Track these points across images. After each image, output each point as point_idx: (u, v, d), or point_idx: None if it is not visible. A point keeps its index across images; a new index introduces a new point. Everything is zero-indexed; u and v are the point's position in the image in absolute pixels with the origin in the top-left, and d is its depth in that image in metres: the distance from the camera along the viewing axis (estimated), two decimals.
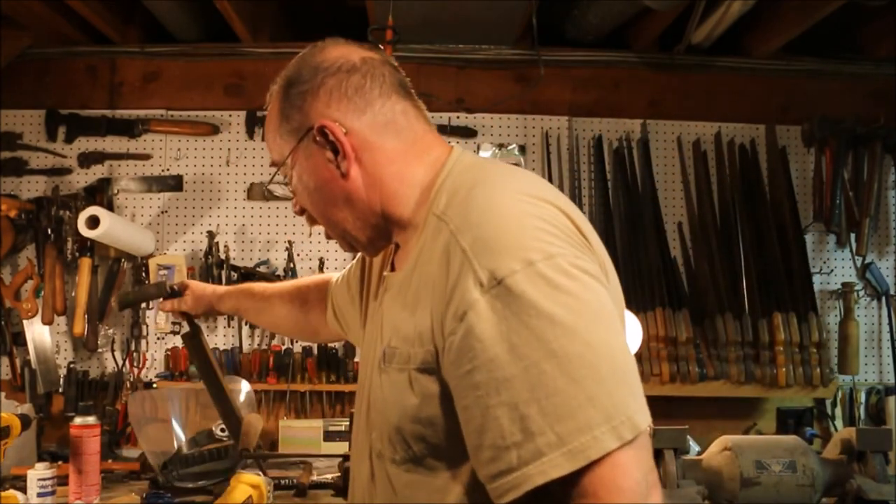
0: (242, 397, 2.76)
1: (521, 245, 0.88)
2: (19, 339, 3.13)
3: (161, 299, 1.78)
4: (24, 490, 2.12)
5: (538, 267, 0.87)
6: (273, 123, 1.13)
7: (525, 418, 0.83)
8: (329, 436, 3.01)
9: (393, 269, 1.17)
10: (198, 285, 1.80)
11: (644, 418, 0.85)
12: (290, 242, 3.19)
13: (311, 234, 3.23)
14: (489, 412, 0.85)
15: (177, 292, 1.77)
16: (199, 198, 3.25)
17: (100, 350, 3.14)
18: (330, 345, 3.16)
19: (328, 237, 1.20)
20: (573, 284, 0.87)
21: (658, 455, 1.92)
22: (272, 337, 3.17)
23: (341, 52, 1.10)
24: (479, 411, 0.87)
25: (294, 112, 1.09)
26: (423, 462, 0.98)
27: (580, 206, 3.17)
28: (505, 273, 0.86)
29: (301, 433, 3.03)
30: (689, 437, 2.03)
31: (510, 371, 0.84)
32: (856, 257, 3.24)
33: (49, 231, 3.08)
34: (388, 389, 1.01)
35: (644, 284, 3.04)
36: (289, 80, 1.11)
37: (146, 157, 3.25)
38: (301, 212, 1.19)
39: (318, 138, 1.07)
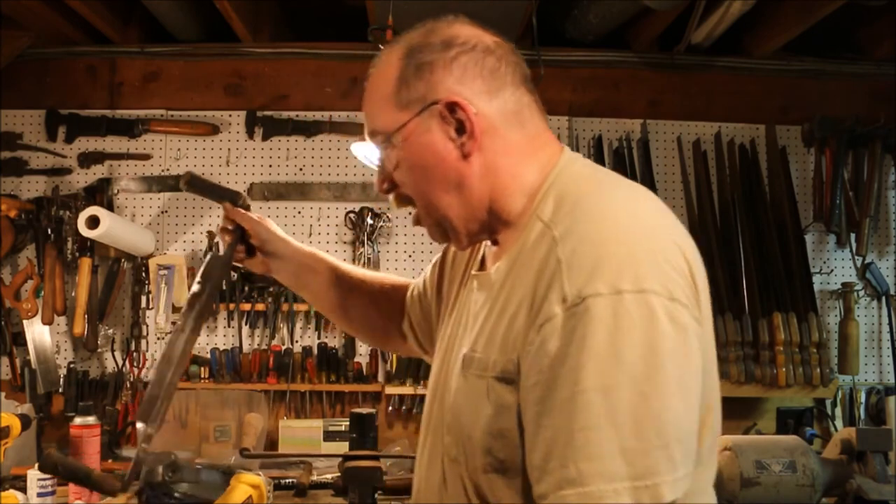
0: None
1: (617, 269, 0.84)
2: (19, 339, 3.13)
3: (227, 203, 1.45)
4: (24, 490, 2.12)
5: (625, 298, 0.82)
6: (385, 89, 1.04)
7: (558, 446, 0.82)
8: (329, 436, 3.01)
9: (482, 267, 1.12)
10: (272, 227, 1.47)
11: (672, 492, 0.81)
12: None
13: (310, 235, 3.23)
14: (538, 432, 0.85)
15: (247, 206, 1.47)
16: (199, 198, 3.24)
17: (100, 350, 3.14)
18: (330, 345, 3.16)
19: (416, 222, 1.10)
20: (653, 328, 0.82)
21: None
22: (272, 337, 3.17)
23: (474, 31, 1.05)
24: (532, 427, 0.86)
25: (418, 81, 1.01)
26: (498, 470, 0.94)
27: None
28: (589, 293, 0.83)
29: (301, 433, 3.03)
30: None
31: (561, 394, 0.83)
32: (856, 257, 3.23)
33: (49, 231, 3.08)
34: (466, 396, 0.98)
35: None
36: (413, 47, 1.03)
37: (146, 157, 3.25)
38: (389, 189, 1.09)
39: (444, 113, 1.00)
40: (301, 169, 3.26)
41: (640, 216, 0.91)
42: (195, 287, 1.32)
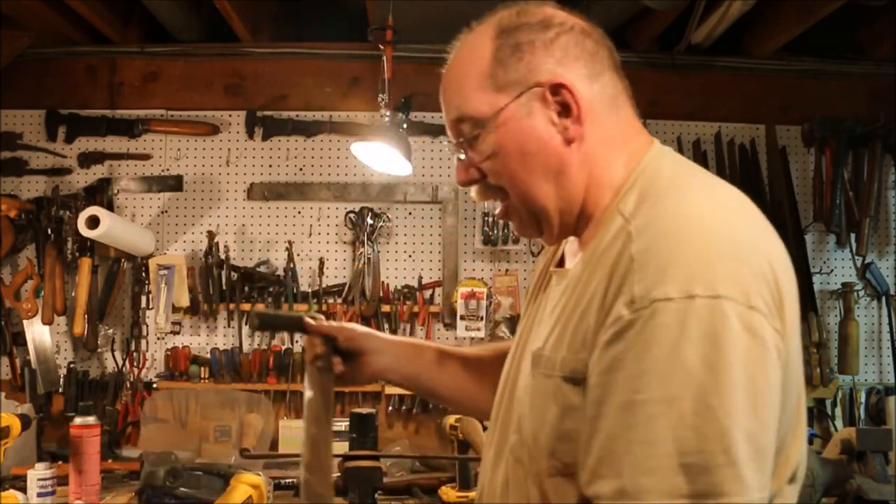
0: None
1: (691, 270, 0.78)
2: (19, 339, 3.13)
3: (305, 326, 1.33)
4: (24, 490, 2.13)
5: (696, 304, 0.76)
6: (476, 71, 0.97)
7: (614, 454, 0.78)
8: None
9: (561, 264, 1.08)
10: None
11: None
12: (290, 242, 3.19)
13: (310, 235, 3.23)
14: (594, 434, 0.81)
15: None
16: (199, 198, 3.25)
17: (100, 350, 3.14)
18: None
19: (504, 216, 1.04)
20: (726, 337, 0.76)
21: None
22: (272, 337, 3.17)
23: (566, 14, 0.99)
24: (588, 428, 0.82)
25: (517, 62, 0.95)
26: (563, 474, 0.89)
27: None
28: (658, 297, 0.78)
29: (301, 433, 3.02)
30: None
31: (618, 399, 0.79)
32: (856, 257, 3.23)
33: (49, 231, 3.08)
34: (532, 396, 0.94)
35: None
36: (507, 27, 0.97)
37: (146, 157, 3.25)
38: (473, 180, 1.02)
39: (547, 96, 0.94)
40: (301, 169, 3.26)
41: (725, 217, 0.85)
42: (308, 393, 1.31)
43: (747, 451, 0.75)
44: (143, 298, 3.16)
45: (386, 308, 3.18)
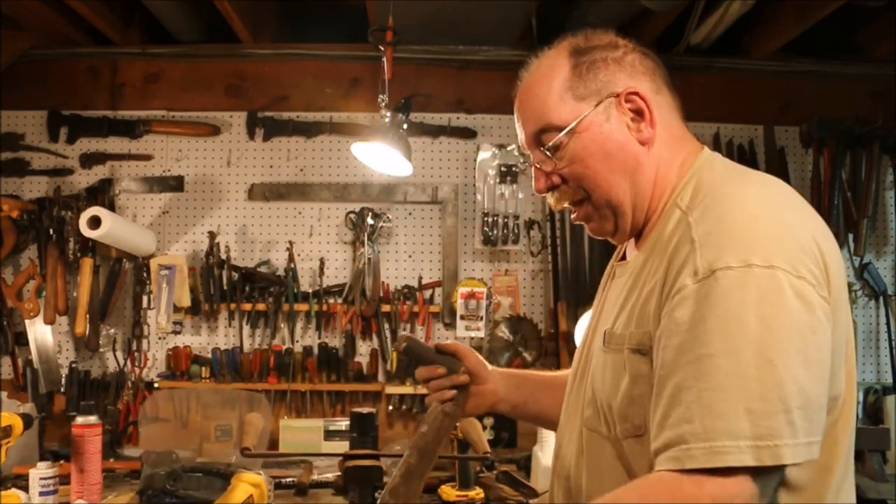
0: None
1: (748, 245, 0.90)
2: (21, 338, 3.14)
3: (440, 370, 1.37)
4: (26, 489, 2.13)
5: (754, 271, 0.88)
6: (557, 85, 1.11)
7: (682, 404, 0.88)
8: (329, 435, 3.02)
9: (624, 258, 1.20)
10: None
11: (792, 455, 0.86)
12: (290, 243, 3.20)
13: (311, 235, 3.24)
14: (662, 391, 0.92)
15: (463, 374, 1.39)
16: (200, 198, 3.26)
17: (101, 350, 3.16)
18: (330, 344, 3.17)
19: (584, 219, 1.15)
20: (780, 300, 0.88)
21: None
22: (272, 336, 3.18)
23: (624, 39, 1.15)
24: (657, 388, 0.93)
25: (594, 76, 1.10)
26: (635, 435, 1.01)
27: None
28: (720, 266, 0.90)
29: (301, 433, 3.04)
30: None
31: (688, 357, 0.89)
32: (854, 257, 3.24)
33: (51, 231, 3.10)
34: (605, 368, 1.06)
35: None
36: (579, 47, 1.13)
37: (147, 157, 3.26)
38: (552, 187, 1.14)
39: (622, 104, 1.09)
40: (302, 169, 3.27)
41: (772, 202, 0.97)
42: (423, 428, 1.35)
43: (799, 400, 0.86)
44: (145, 298, 3.17)
45: (386, 308, 3.19)
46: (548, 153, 1.12)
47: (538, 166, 1.14)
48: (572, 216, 1.17)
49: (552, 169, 1.13)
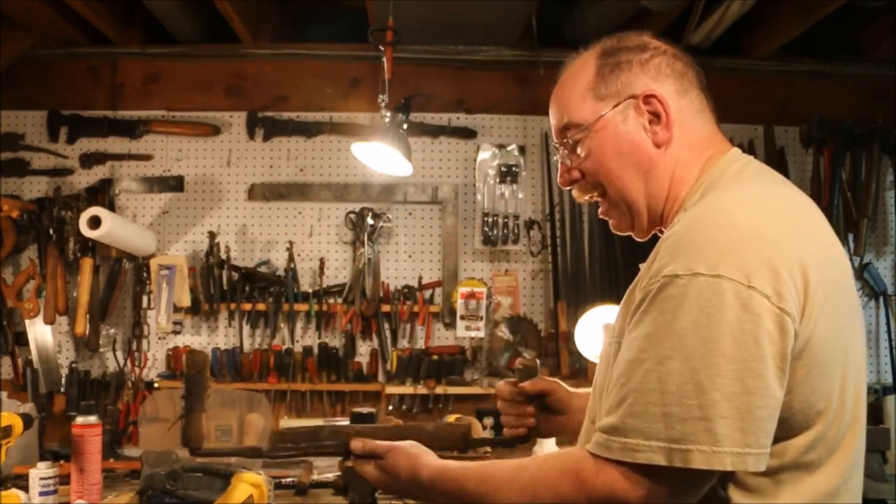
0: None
1: (698, 253, 0.92)
2: (21, 338, 3.14)
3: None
4: (26, 489, 2.13)
5: (698, 280, 0.90)
6: (583, 84, 1.15)
7: (616, 398, 0.94)
8: None
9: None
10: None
11: (705, 461, 0.87)
12: (290, 242, 3.20)
13: (311, 235, 3.24)
14: (611, 383, 0.98)
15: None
16: (200, 198, 3.26)
17: (101, 350, 3.16)
18: (330, 344, 3.18)
19: (605, 214, 1.19)
20: (719, 310, 0.88)
21: None
22: (272, 336, 3.18)
23: (661, 41, 1.16)
24: (612, 379, 0.99)
25: (617, 77, 1.13)
26: None
27: (580, 207, 3.18)
28: (668, 273, 0.93)
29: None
30: None
31: (627, 356, 0.95)
32: (854, 258, 3.24)
33: (51, 231, 3.10)
34: (604, 361, 1.11)
35: None
36: (609, 48, 1.15)
37: (147, 157, 3.26)
38: (573, 181, 1.18)
39: (640, 106, 1.11)
40: (302, 169, 3.27)
41: (757, 215, 0.95)
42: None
43: (726, 409, 0.87)
44: (145, 298, 3.18)
45: (386, 308, 3.19)
46: (569, 149, 1.16)
47: (562, 160, 1.19)
48: (599, 211, 1.21)
49: (573, 164, 1.17)
